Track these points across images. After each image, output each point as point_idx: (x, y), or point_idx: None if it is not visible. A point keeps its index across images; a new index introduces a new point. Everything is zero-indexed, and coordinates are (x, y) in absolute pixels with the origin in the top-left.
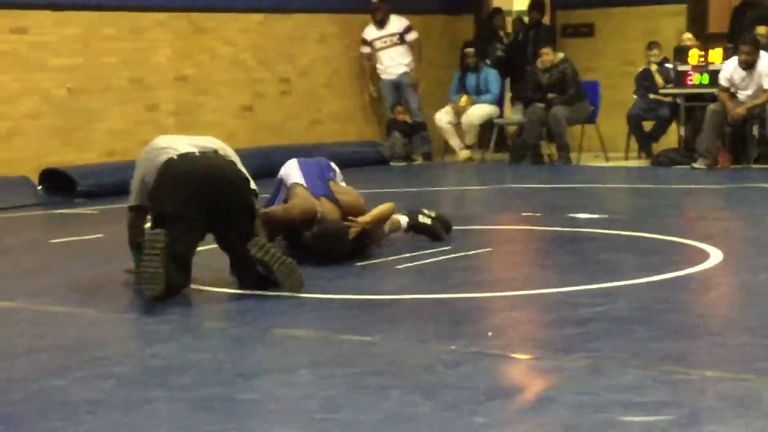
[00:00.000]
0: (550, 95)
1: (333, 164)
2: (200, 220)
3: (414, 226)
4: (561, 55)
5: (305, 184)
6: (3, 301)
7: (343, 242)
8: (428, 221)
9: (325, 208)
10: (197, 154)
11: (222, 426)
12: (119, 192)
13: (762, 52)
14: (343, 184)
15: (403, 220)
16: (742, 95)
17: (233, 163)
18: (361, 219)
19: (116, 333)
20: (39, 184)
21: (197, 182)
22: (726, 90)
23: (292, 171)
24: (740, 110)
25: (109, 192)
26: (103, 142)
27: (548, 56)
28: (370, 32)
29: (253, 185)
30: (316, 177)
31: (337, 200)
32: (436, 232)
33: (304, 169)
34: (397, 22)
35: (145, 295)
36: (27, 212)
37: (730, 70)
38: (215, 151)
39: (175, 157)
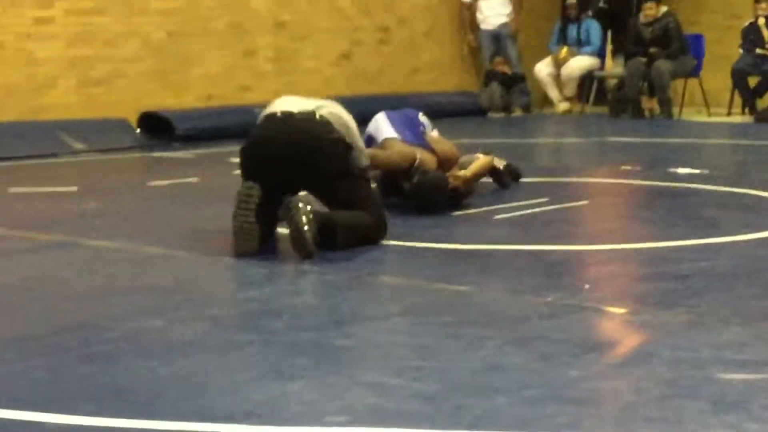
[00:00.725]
0: (651, 50)
1: (422, 115)
2: (282, 181)
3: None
4: (664, 8)
5: (398, 137)
6: (102, 241)
7: (443, 193)
8: (500, 166)
9: (422, 156)
10: (279, 115)
11: (315, 371)
12: (216, 136)
13: None
14: (435, 133)
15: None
16: None
17: (322, 127)
18: (462, 173)
19: (212, 275)
20: (138, 127)
21: (268, 149)
22: None
23: (381, 126)
24: None
25: (206, 136)
26: (201, 87)
27: (651, 10)
28: None
29: (353, 148)
30: (407, 129)
31: (433, 150)
32: (502, 178)
33: (395, 123)
34: None
35: (238, 250)
36: (126, 154)
37: None
38: (311, 114)
39: (259, 121)
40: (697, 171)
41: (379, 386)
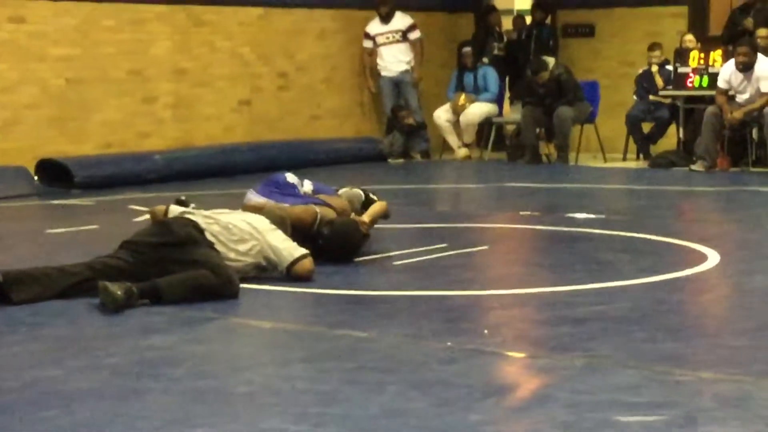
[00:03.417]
0: (547, 101)
1: (290, 176)
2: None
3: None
4: (552, 60)
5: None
6: None
7: (359, 236)
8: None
9: (321, 210)
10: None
11: (215, 418)
12: (115, 183)
13: (760, 55)
14: (309, 186)
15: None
16: (740, 98)
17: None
18: (365, 218)
19: (111, 324)
20: (36, 175)
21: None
22: (724, 93)
23: (253, 198)
24: (737, 114)
25: (105, 183)
26: (100, 134)
27: (544, 75)
28: (374, 27)
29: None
30: (286, 197)
31: (325, 203)
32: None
33: (264, 193)
34: (401, 19)
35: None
36: (24, 202)
37: (728, 72)
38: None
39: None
40: (593, 216)
41: None
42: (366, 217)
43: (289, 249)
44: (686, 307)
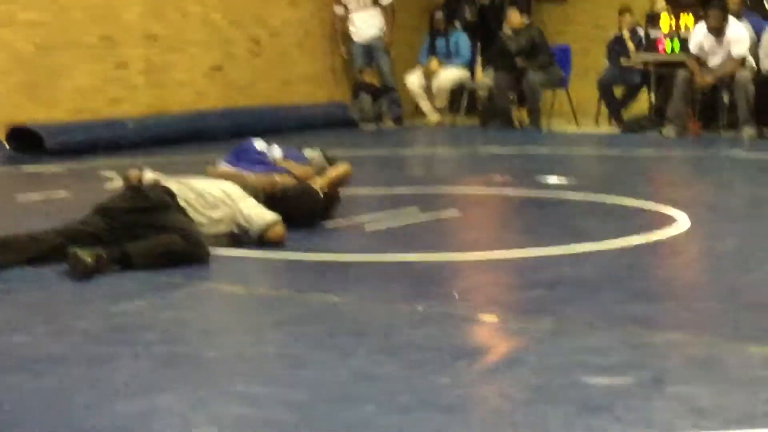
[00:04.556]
0: (518, 60)
1: (258, 141)
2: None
3: None
4: (526, 21)
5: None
6: None
7: (314, 201)
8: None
9: (282, 180)
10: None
11: (185, 383)
12: (87, 150)
13: (731, 19)
14: (278, 152)
15: None
16: (711, 62)
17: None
18: (319, 182)
19: (81, 290)
20: (7, 142)
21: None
22: (696, 57)
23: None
24: (708, 79)
25: (77, 150)
26: (72, 100)
27: (515, 17)
28: None
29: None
30: (254, 165)
31: (288, 171)
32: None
33: (236, 164)
34: None
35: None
36: None
37: (699, 37)
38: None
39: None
40: (565, 180)
41: (249, 397)
42: (324, 180)
43: (261, 215)
44: (656, 271)
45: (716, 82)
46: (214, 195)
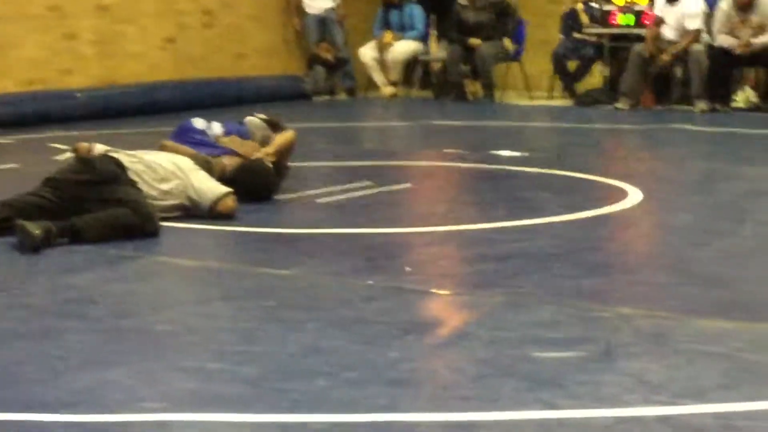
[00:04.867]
0: (471, 41)
1: (197, 120)
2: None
3: None
4: None
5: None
6: None
7: (266, 176)
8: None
9: (228, 162)
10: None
11: (134, 357)
12: (36, 122)
13: None
14: (219, 128)
15: None
16: (665, 32)
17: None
18: (265, 151)
19: (30, 263)
20: None
21: None
22: (659, 22)
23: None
24: (665, 57)
25: (26, 122)
26: (21, 71)
27: None
28: None
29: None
30: (197, 146)
31: (233, 151)
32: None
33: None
34: None
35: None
36: None
37: (659, 5)
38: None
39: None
40: (518, 154)
41: (199, 371)
42: (270, 148)
43: (212, 188)
44: (607, 244)
45: (674, 59)
46: (164, 167)
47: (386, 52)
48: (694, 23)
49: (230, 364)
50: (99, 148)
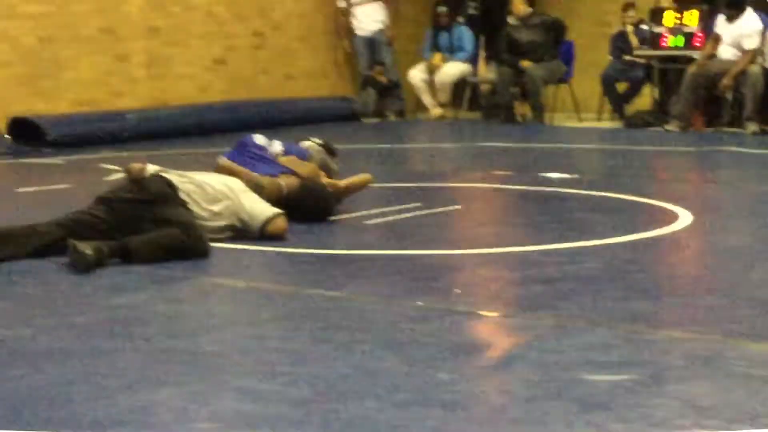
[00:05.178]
0: (522, 62)
1: (258, 137)
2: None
3: None
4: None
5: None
6: None
7: (326, 200)
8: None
9: (287, 182)
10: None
11: (185, 378)
12: (88, 143)
13: (749, 9)
14: (279, 147)
15: None
16: (721, 49)
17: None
18: (342, 184)
19: (81, 283)
20: (7, 133)
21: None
22: (717, 38)
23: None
24: (726, 81)
25: (77, 142)
26: (73, 92)
27: (520, 5)
28: None
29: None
30: (256, 162)
31: (293, 171)
32: None
33: (238, 160)
34: None
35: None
36: None
37: (719, 23)
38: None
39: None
40: (567, 175)
41: (249, 392)
42: (343, 183)
43: (262, 209)
44: (658, 267)
45: (734, 82)
46: (215, 188)
47: (435, 74)
48: (752, 42)
49: (280, 385)
50: (150, 168)
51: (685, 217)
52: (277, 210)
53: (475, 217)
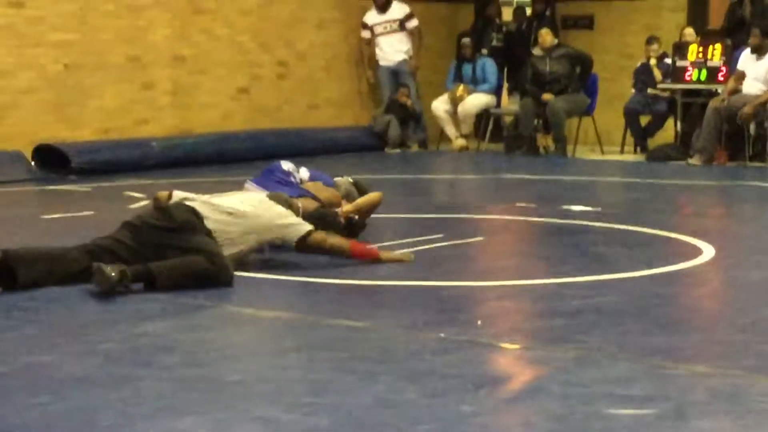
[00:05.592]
0: (544, 96)
1: (285, 163)
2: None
3: None
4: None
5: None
6: None
7: (332, 227)
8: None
9: (304, 204)
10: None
11: (207, 406)
12: (112, 170)
13: None
14: (306, 173)
15: None
16: (746, 85)
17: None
18: (346, 208)
19: (105, 310)
20: (32, 160)
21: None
22: (741, 76)
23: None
24: (747, 110)
25: (102, 170)
26: (98, 120)
27: (548, 37)
28: (371, 17)
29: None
30: (281, 186)
31: (314, 196)
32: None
33: (262, 185)
34: (398, 9)
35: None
36: (20, 187)
37: (743, 57)
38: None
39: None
40: (589, 208)
41: (271, 422)
42: (350, 207)
43: (296, 229)
44: (680, 301)
45: (755, 111)
46: (241, 210)
47: (459, 105)
48: None
49: (301, 414)
50: (177, 195)
51: (707, 252)
52: (309, 226)
53: (497, 249)
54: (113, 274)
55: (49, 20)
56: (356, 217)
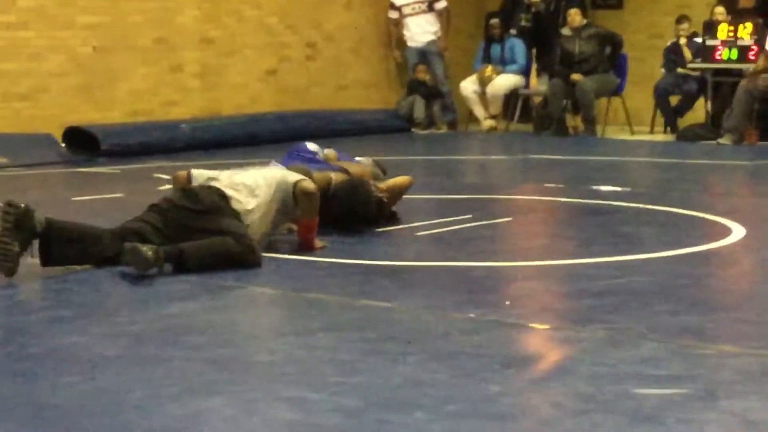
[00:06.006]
0: (573, 76)
1: (310, 144)
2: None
3: None
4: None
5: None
6: (25, 256)
7: (367, 195)
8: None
9: (336, 176)
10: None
11: (236, 387)
12: (141, 152)
13: None
14: (332, 151)
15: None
16: None
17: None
18: (378, 185)
19: (134, 292)
20: (63, 142)
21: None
22: None
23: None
24: None
25: (131, 152)
26: (127, 102)
27: (577, 17)
28: None
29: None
30: (307, 164)
31: (343, 169)
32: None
33: (287, 163)
34: None
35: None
36: (50, 169)
37: None
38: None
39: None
40: (618, 189)
41: (300, 402)
42: (384, 184)
43: (293, 176)
44: (709, 281)
45: None
46: (262, 185)
47: (487, 86)
48: None
49: (330, 395)
50: (196, 173)
51: (737, 231)
52: (300, 176)
53: (526, 230)
54: (150, 254)
55: (78, 3)
56: (386, 198)
